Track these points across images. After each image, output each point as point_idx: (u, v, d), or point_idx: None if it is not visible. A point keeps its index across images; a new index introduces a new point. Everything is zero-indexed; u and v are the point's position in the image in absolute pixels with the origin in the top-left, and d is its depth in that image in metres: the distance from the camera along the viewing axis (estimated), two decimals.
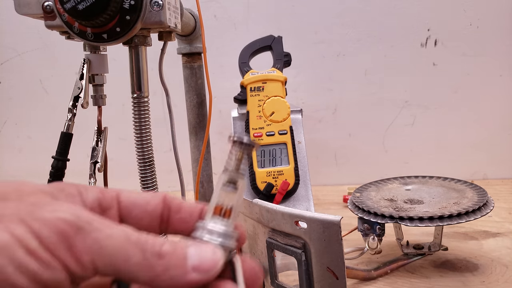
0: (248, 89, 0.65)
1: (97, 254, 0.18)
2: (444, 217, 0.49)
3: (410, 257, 0.57)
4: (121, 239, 0.19)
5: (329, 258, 0.37)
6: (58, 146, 0.43)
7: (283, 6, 0.92)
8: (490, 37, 0.90)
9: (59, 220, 0.18)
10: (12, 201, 0.19)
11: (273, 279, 0.43)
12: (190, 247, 0.20)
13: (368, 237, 0.52)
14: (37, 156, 0.98)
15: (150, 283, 0.19)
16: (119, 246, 0.19)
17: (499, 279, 0.53)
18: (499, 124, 0.93)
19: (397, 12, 0.90)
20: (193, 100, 0.67)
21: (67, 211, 0.19)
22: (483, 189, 0.56)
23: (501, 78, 0.91)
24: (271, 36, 0.70)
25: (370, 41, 0.92)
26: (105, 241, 0.18)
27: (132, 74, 0.45)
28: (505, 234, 0.66)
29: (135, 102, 0.45)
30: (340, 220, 0.36)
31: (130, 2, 0.39)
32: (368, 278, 0.54)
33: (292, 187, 0.62)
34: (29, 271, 0.17)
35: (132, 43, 0.44)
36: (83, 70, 0.44)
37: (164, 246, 0.20)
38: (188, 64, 0.66)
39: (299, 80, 0.93)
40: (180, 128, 0.60)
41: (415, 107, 0.94)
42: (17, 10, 0.41)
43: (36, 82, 0.97)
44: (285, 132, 0.63)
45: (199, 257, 0.20)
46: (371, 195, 0.58)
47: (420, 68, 0.92)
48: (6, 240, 0.16)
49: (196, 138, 0.68)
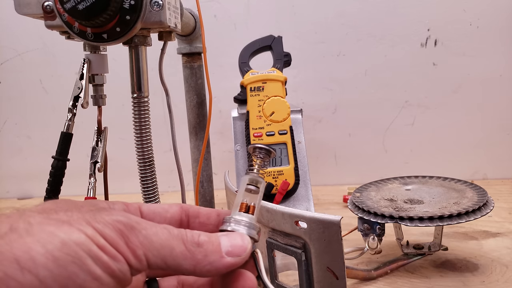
0: (248, 89, 0.65)
1: (148, 248, 0.21)
2: (444, 217, 0.49)
3: (410, 257, 0.57)
4: (165, 234, 0.22)
5: (329, 258, 0.37)
6: (58, 146, 0.43)
7: (283, 6, 0.92)
8: (490, 37, 0.90)
9: (116, 221, 0.21)
10: (73, 211, 0.22)
11: (273, 279, 0.43)
12: (222, 236, 0.24)
13: (368, 237, 0.52)
14: (37, 156, 0.98)
15: (193, 269, 0.23)
16: (164, 240, 0.22)
17: (499, 279, 0.53)
18: (499, 124, 0.93)
19: (397, 12, 0.90)
20: (193, 100, 0.67)
21: (120, 214, 0.22)
22: (483, 189, 0.56)
23: (501, 78, 0.91)
24: (271, 36, 0.70)
25: (370, 41, 0.92)
26: (152, 237, 0.22)
27: (132, 74, 0.45)
28: (505, 234, 0.66)
29: (135, 102, 0.45)
30: (340, 220, 0.36)
31: (130, 2, 0.39)
32: (368, 278, 0.54)
33: (292, 187, 0.62)
34: (103, 263, 0.20)
35: (132, 43, 0.44)
36: (83, 70, 0.44)
37: (201, 236, 0.23)
38: (188, 64, 0.66)
39: (299, 80, 0.93)
40: (180, 128, 0.60)
41: (415, 107, 0.94)
42: (17, 10, 0.41)
43: (36, 82, 0.97)
44: (285, 132, 0.63)
45: (231, 243, 0.24)
46: (371, 195, 0.58)
47: (420, 68, 0.92)
48: (82, 238, 0.20)
49: (196, 138, 0.68)
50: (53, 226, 0.20)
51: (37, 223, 0.20)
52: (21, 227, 0.20)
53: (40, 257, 0.18)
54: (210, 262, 0.23)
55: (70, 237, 0.20)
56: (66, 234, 0.20)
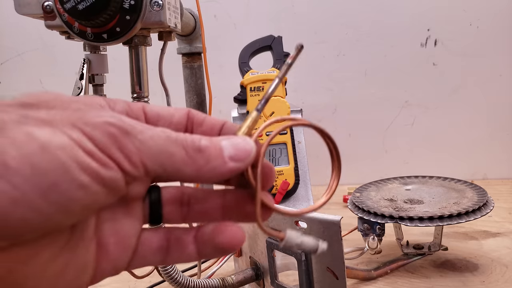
0: (248, 89, 0.65)
1: (144, 154, 0.19)
2: (444, 217, 0.49)
3: (410, 257, 0.57)
4: (163, 139, 0.20)
5: (329, 258, 0.37)
6: None
7: (283, 6, 0.92)
8: (490, 37, 0.90)
9: (107, 124, 0.19)
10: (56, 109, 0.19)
11: (273, 279, 0.43)
12: (223, 140, 0.22)
13: (368, 237, 0.52)
14: None
15: (195, 175, 0.21)
16: (162, 145, 0.20)
17: (499, 279, 0.53)
18: (499, 124, 0.93)
19: (397, 12, 0.90)
20: (193, 100, 0.67)
21: (112, 116, 0.20)
22: (483, 189, 0.56)
23: (501, 78, 0.91)
24: (271, 36, 0.70)
25: (370, 41, 0.92)
26: (149, 142, 0.20)
27: (132, 74, 0.45)
28: (505, 234, 0.66)
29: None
30: (340, 220, 0.36)
31: (130, 2, 0.39)
32: (368, 278, 0.54)
33: (292, 187, 0.62)
34: (91, 170, 0.18)
35: (132, 43, 0.44)
36: (83, 70, 0.44)
37: (202, 141, 0.21)
38: (188, 64, 0.66)
39: (299, 80, 0.93)
40: None
41: (415, 107, 0.94)
42: (17, 10, 0.41)
43: (36, 82, 0.97)
44: (285, 132, 0.63)
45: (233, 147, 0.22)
46: (371, 195, 0.58)
47: (420, 68, 0.92)
48: (66, 141, 0.17)
49: None
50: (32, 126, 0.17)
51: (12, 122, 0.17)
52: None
53: (13, 161, 0.16)
54: (213, 168, 0.21)
55: (52, 140, 0.17)
56: (45, 137, 0.17)
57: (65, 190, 0.17)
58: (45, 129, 0.18)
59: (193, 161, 0.21)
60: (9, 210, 0.16)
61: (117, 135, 0.19)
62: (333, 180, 0.27)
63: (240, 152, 0.22)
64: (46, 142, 0.17)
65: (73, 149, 0.17)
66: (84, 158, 0.18)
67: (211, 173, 0.21)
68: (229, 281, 0.44)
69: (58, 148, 0.17)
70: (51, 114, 0.19)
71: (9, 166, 0.16)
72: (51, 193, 0.17)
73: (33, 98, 0.20)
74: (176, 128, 0.24)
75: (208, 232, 0.22)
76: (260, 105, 0.25)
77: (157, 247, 0.23)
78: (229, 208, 0.23)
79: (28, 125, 0.17)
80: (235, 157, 0.21)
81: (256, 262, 0.46)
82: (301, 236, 0.25)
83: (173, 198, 0.23)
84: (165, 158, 0.20)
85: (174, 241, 0.23)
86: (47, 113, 0.19)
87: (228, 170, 0.21)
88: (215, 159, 0.21)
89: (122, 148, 0.19)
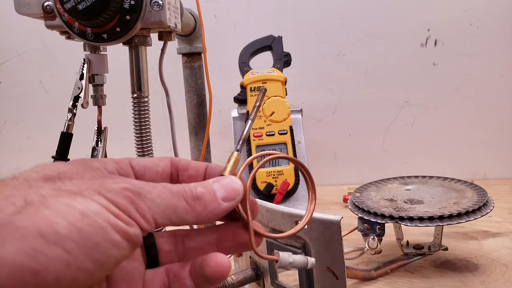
0: (248, 89, 0.65)
1: (155, 211, 0.22)
2: (444, 217, 0.49)
3: (410, 257, 0.57)
4: (167, 195, 0.23)
5: (329, 258, 0.37)
6: (58, 146, 0.43)
7: (283, 6, 0.92)
8: (490, 37, 0.90)
9: (123, 189, 0.22)
10: (76, 179, 0.22)
11: (273, 279, 0.43)
12: (214, 183, 0.25)
13: (368, 237, 0.52)
14: (37, 156, 0.98)
15: (195, 220, 0.24)
16: (167, 200, 0.23)
17: (499, 279, 0.53)
18: (499, 124, 0.93)
19: (397, 12, 0.90)
20: (193, 100, 0.67)
21: (124, 181, 0.23)
22: (483, 189, 0.56)
23: (501, 78, 0.91)
24: (271, 36, 0.70)
25: (370, 41, 0.92)
26: (157, 200, 0.23)
27: (132, 74, 0.45)
28: (505, 234, 0.66)
29: (135, 102, 0.45)
30: (340, 220, 0.36)
31: (130, 2, 0.39)
32: (368, 278, 0.54)
33: (292, 187, 0.62)
34: (120, 229, 0.21)
35: (132, 43, 0.44)
36: (83, 70, 0.44)
37: (198, 188, 0.24)
38: (188, 64, 0.66)
39: (299, 80, 0.93)
40: (180, 128, 0.60)
41: (415, 107, 0.94)
42: (17, 10, 0.41)
43: (36, 82, 0.97)
44: (285, 132, 0.63)
45: (224, 189, 0.25)
46: (371, 195, 0.58)
47: (420, 68, 0.92)
48: (98, 207, 0.20)
49: (196, 138, 0.68)
50: (67, 198, 0.20)
51: (50, 196, 0.20)
52: (36, 200, 0.20)
53: (64, 229, 0.19)
54: (210, 211, 0.24)
55: (88, 208, 0.20)
56: (83, 205, 0.20)
57: (104, 248, 0.20)
58: (78, 199, 0.20)
59: (193, 208, 0.24)
60: (63, 273, 0.19)
61: (132, 197, 0.22)
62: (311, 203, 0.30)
63: (230, 192, 0.25)
64: (84, 209, 0.20)
65: (105, 213, 0.20)
66: (114, 220, 0.21)
67: (209, 216, 0.24)
68: (229, 281, 0.44)
69: (94, 213, 0.20)
70: (77, 185, 0.22)
71: (60, 233, 0.19)
72: (95, 253, 0.20)
73: (52, 170, 0.22)
74: (162, 176, 0.27)
75: (198, 265, 0.25)
76: (238, 146, 0.28)
77: (160, 286, 0.25)
78: (225, 241, 0.27)
79: (63, 197, 0.20)
80: (227, 198, 0.25)
81: (256, 262, 0.46)
82: (292, 256, 0.28)
83: (166, 240, 0.27)
84: (171, 211, 0.23)
85: (173, 277, 0.25)
86: (72, 185, 0.22)
87: (222, 210, 0.24)
88: (211, 203, 0.24)
89: (138, 209, 0.22)
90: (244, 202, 0.26)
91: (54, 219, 0.19)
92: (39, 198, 0.20)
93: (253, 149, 0.64)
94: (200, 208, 0.24)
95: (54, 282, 0.18)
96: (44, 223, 0.19)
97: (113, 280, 0.24)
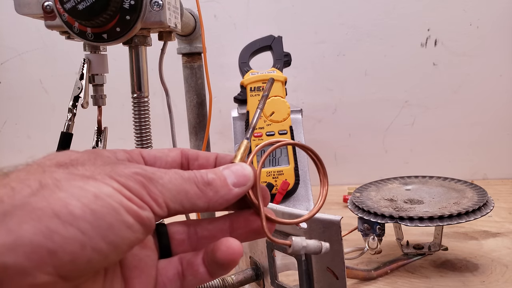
0: (248, 89, 0.65)
1: (167, 196, 0.23)
2: (444, 217, 0.49)
3: (410, 257, 0.57)
4: (178, 180, 0.23)
5: (329, 258, 0.37)
6: (58, 146, 0.43)
7: (283, 6, 0.92)
8: (490, 37, 0.90)
9: (135, 173, 0.22)
10: (88, 165, 0.23)
11: (273, 279, 0.43)
12: (224, 170, 0.25)
13: (368, 237, 0.52)
14: (37, 156, 0.98)
15: (207, 206, 0.24)
16: (179, 185, 0.23)
17: (499, 279, 0.53)
18: (499, 124, 0.93)
19: (397, 12, 0.90)
20: (193, 100, 0.67)
21: (136, 166, 0.23)
22: (483, 189, 0.56)
23: (501, 78, 0.91)
24: (271, 36, 0.70)
25: (370, 41, 0.92)
26: (168, 185, 0.23)
27: (132, 74, 0.45)
28: (505, 234, 0.66)
29: (135, 102, 0.45)
30: (340, 220, 0.36)
31: (130, 2, 0.39)
32: (368, 278, 0.54)
33: (292, 187, 0.62)
34: (133, 211, 0.21)
35: (132, 43, 0.44)
36: (83, 70, 0.44)
37: (209, 174, 0.24)
38: (188, 64, 0.66)
39: (299, 80, 0.93)
40: (180, 128, 0.60)
41: (415, 107, 0.94)
42: (17, 10, 0.41)
43: (36, 82, 0.97)
44: (285, 132, 0.63)
45: (235, 175, 0.25)
46: (371, 195, 0.58)
47: (420, 68, 0.92)
48: (110, 190, 0.21)
49: (196, 138, 0.68)
50: (80, 181, 0.21)
51: (63, 179, 0.21)
52: (50, 183, 0.20)
53: (78, 210, 0.19)
54: (221, 197, 0.24)
55: (101, 190, 0.20)
56: (95, 188, 0.20)
57: (118, 230, 0.20)
58: (91, 182, 0.21)
59: (204, 194, 0.24)
60: (79, 254, 0.19)
61: (144, 181, 0.22)
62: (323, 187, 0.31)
63: (241, 177, 0.25)
64: (97, 192, 0.20)
65: (117, 196, 0.21)
66: (126, 202, 0.21)
67: (220, 201, 0.24)
68: (229, 281, 0.44)
69: (107, 196, 0.20)
70: (89, 170, 0.22)
71: (75, 214, 0.19)
72: (109, 234, 0.20)
73: (64, 157, 0.23)
74: (172, 166, 0.27)
75: (209, 251, 0.25)
76: (249, 134, 0.29)
77: (173, 274, 0.25)
78: (237, 228, 0.27)
79: (76, 181, 0.21)
80: (238, 183, 0.25)
81: (256, 262, 0.46)
82: (306, 240, 0.28)
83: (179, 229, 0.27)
84: (182, 196, 0.23)
85: (187, 265, 0.25)
86: (85, 170, 0.22)
87: (233, 196, 0.25)
88: (222, 188, 0.24)
89: (150, 193, 0.22)
90: (255, 188, 0.26)
91: (68, 200, 0.19)
92: (53, 181, 0.20)
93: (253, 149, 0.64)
94: (211, 194, 0.24)
95: (70, 262, 0.19)
96: (59, 204, 0.19)
97: (126, 266, 0.24)
